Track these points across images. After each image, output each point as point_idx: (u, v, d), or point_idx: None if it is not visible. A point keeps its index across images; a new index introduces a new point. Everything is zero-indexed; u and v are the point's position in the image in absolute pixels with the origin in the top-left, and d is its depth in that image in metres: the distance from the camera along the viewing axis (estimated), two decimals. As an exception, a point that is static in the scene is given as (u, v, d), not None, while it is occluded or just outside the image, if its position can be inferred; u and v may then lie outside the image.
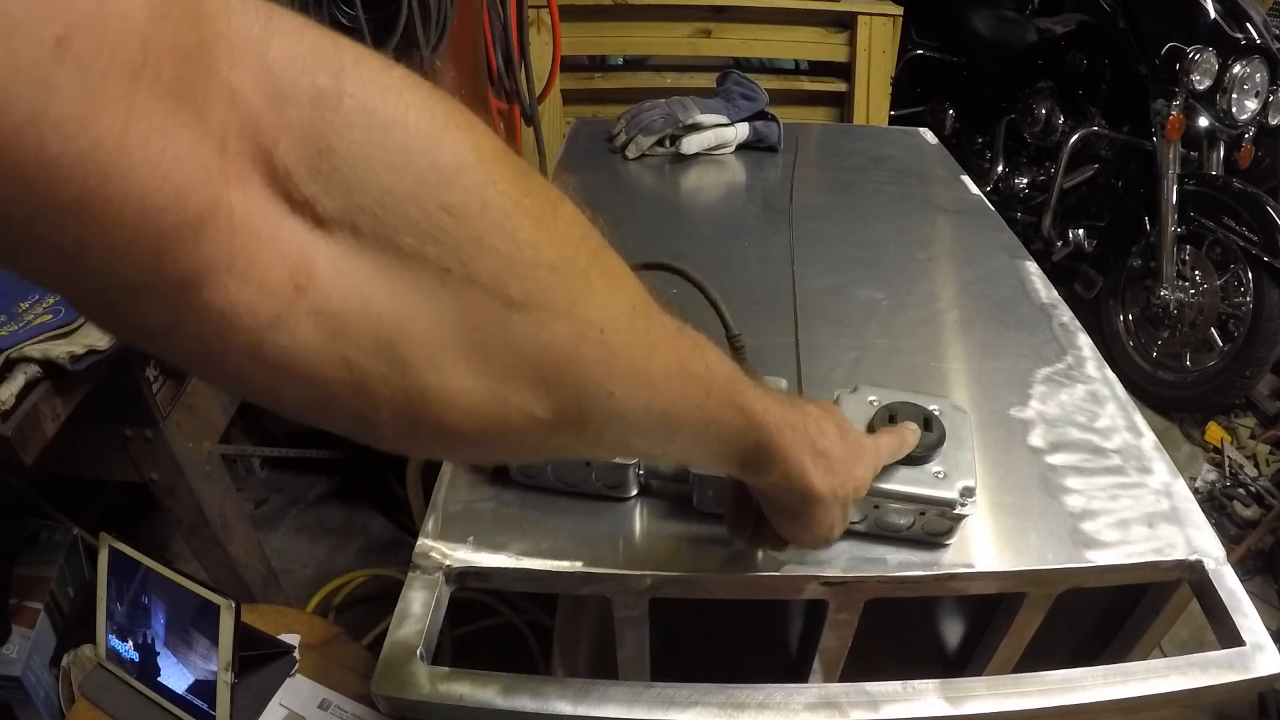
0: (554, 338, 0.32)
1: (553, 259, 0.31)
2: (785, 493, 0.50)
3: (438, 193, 0.28)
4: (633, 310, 0.36)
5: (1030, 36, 2.92)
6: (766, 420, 0.45)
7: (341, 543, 1.96)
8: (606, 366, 0.34)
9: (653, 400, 0.38)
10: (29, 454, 0.89)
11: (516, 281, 0.30)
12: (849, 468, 0.52)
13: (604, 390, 0.35)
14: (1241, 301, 2.24)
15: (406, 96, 0.28)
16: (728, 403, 0.43)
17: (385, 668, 0.59)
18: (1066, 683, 0.60)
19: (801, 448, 0.48)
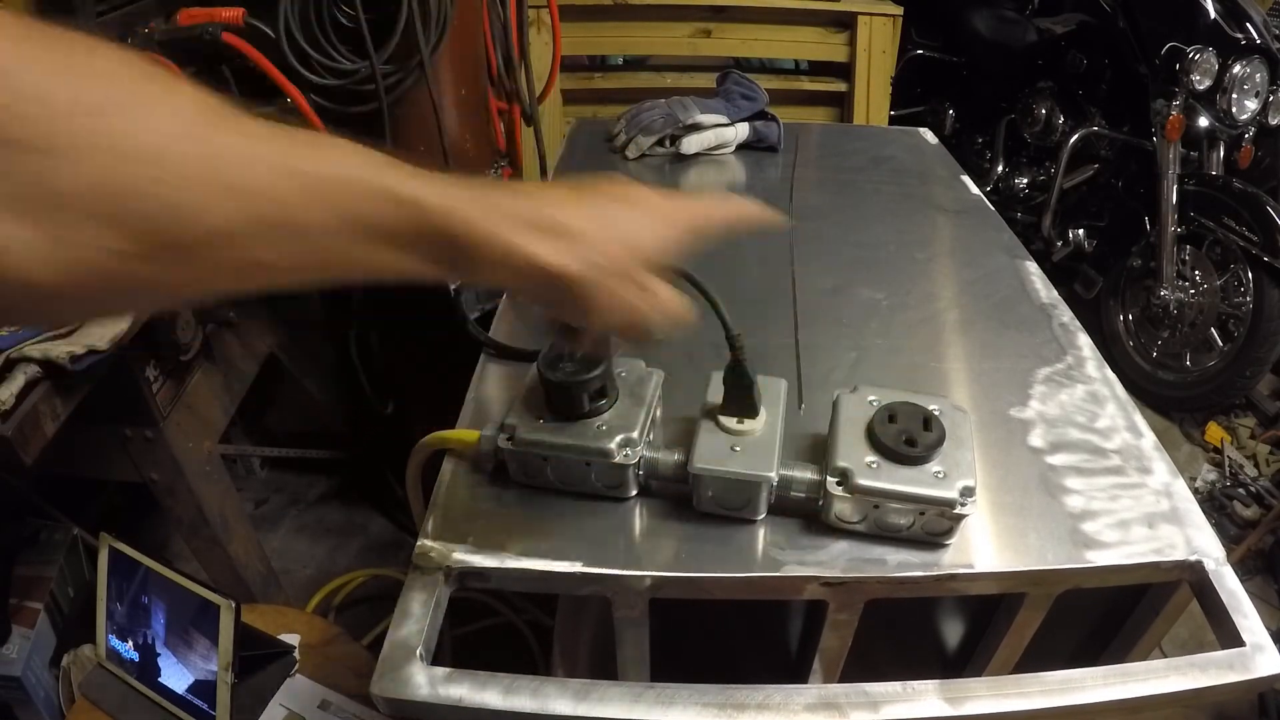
0: (97, 172, 0.33)
1: (80, 101, 0.33)
2: (528, 281, 0.45)
3: None
4: (192, 124, 0.36)
5: (1030, 36, 2.92)
6: (437, 203, 0.42)
7: (341, 543, 1.96)
8: (175, 187, 0.35)
9: (254, 209, 0.37)
10: (29, 454, 0.89)
11: (43, 130, 0.32)
12: (607, 232, 0.47)
13: (174, 206, 0.35)
14: (1241, 301, 2.24)
15: None
16: (375, 194, 0.40)
17: (385, 668, 0.59)
18: (1067, 683, 0.60)
19: (507, 225, 0.44)
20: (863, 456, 0.66)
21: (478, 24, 1.51)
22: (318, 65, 1.33)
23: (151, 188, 0.34)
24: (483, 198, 0.44)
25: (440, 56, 1.40)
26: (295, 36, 1.30)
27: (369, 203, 0.40)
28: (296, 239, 0.39)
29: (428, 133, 1.43)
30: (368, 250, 0.41)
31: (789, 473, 0.67)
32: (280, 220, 0.38)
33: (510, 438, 0.68)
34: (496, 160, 1.63)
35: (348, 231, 0.40)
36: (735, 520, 0.69)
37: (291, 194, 0.38)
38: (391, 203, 0.41)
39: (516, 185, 0.47)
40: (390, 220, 0.41)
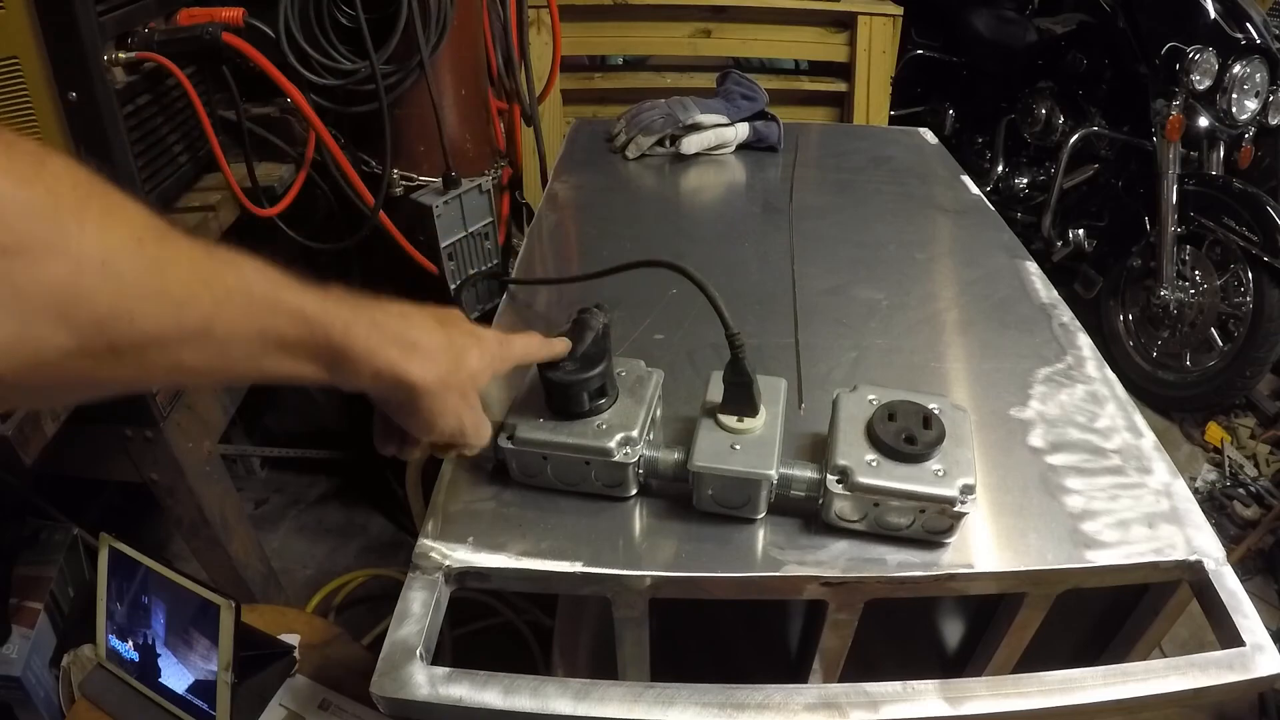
0: (54, 275, 0.36)
1: (39, 207, 0.35)
2: (390, 390, 0.53)
3: None
4: (138, 240, 0.39)
5: (1030, 36, 2.92)
6: (329, 320, 0.48)
7: (341, 543, 1.96)
8: (117, 294, 0.38)
9: (181, 318, 0.41)
10: (29, 454, 0.89)
11: (5, 232, 0.34)
12: (456, 357, 0.55)
13: (122, 315, 0.38)
14: (1241, 301, 2.24)
15: None
16: (276, 310, 0.46)
17: (385, 668, 0.59)
18: (1066, 683, 0.60)
19: (384, 342, 0.51)
20: (863, 454, 0.66)
21: (478, 24, 1.51)
22: (318, 65, 1.33)
23: (100, 294, 0.38)
24: (364, 316, 0.50)
25: (440, 56, 1.40)
26: (295, 36, 1.30)
27: (274, 317, 0.46)
28: (215, 345, 0.44)
29: (428, 133, 1.43)
30: (270, 358, 0.47)
31: (789, 471, 0.67)
32: (203, 329, 0.42)
33: (510, 437, 0.68)
34: (496, 160, 1.63)
35: (257, 341, 0.46)
36: (735, 520, 0.69)
37: (214, 306, 0.43)
38: (293, 318, 0.46)
39: (390, 307, 0.53)
40: (292, 333, 0.47)
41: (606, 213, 1.26)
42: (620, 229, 1.20)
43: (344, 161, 1.39)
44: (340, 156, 1.38)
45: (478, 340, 0.58)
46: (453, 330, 0.56)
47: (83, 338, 0.38)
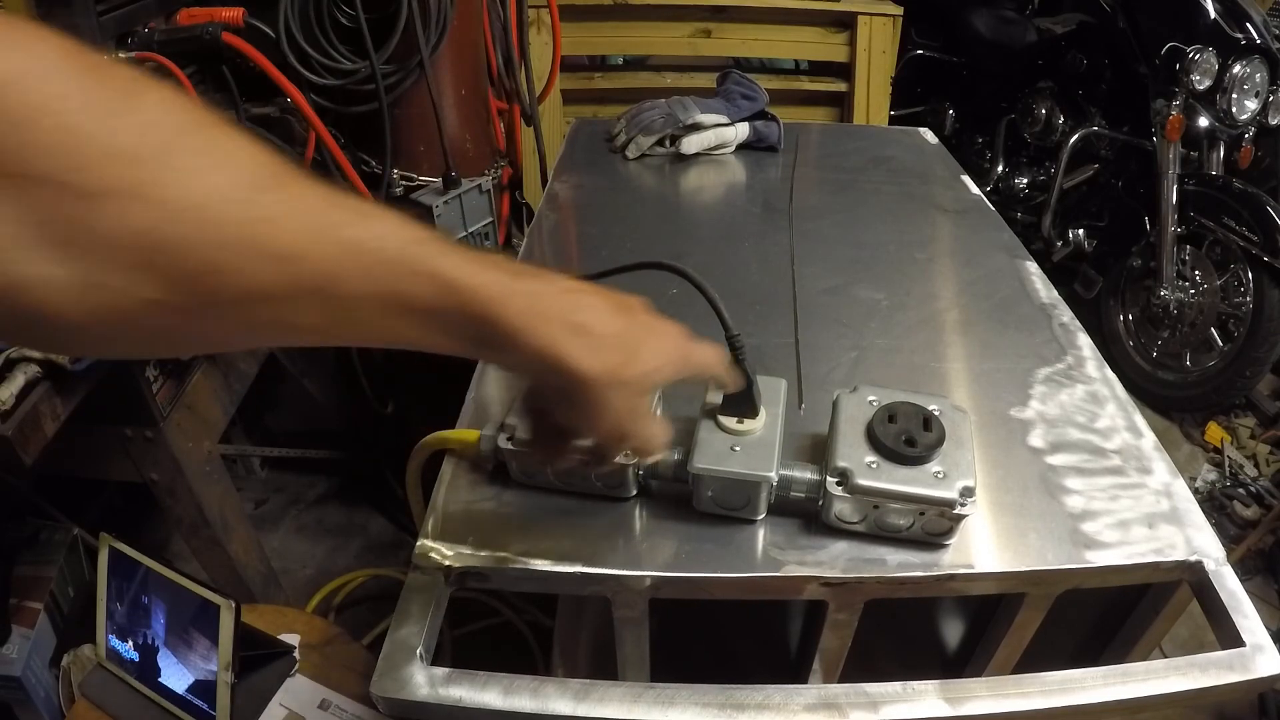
0: (139, 222, 0.33)
1: (124, 147, 0.32)
2: (549, 375, 0.46)
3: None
4: (247, 185, 0.36)
5: (1030, 36, 2.92)
6: (476, 287, 0.41)
7: (341, 543, 1.96)
8: (211, 244, 0.35)
9: (293, 274, 0.37)
10: (29, 454, 0.89)
11: (87, 174, 0.31)
12: (630, 349, 0.48)
13: (217, 267, 0.35)
14: (1241, 301, 2.24)
15: None
16: (413, 272, 0.40)
17: (385, 668, 0.59)
18: (1066, 683, 0.60)
19: (546, 319, 0.44)
20: (862, 456, 0.66)
21: (478, 24, 1.51)
22: (318, 65, 1.33)
23: (191, 244, 0.34)
24: (523, 287, 0.44)
25: (440, 56, 1.40)
26: (295, 36, 1.30)
27: (410, 279, 0.40)
28: (332, 306, 0.39)
29: (428, 133, 1.43)
30: (401, 323, 0.41)
31: (789, 473, 0.67)
32: (319, 287, 0.38)
33: (510, 438, 0.68)
34: (496, 160, 1.63)
35: (384, 304, 0.40)
36: (735, 520, 0.69)
37: (333, 263, 0.38)
38: (433, 282, 0.41)
39: (555, 278, 0.47)
40: (429, 298, 0.41)
41: (606, 213, 1.26)
42: (620, 229, 1.20)
43: (344, 161, 1.39)
44: (340, 156, 1.38)
45: (659, 334, 0.51)
46: (630, 317, 0.49)
47: (173, 289, 0.34)
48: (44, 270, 0.32)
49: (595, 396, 0.47)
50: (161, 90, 0.35)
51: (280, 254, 0.36)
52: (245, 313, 0.37)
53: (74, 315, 0.33)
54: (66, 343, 0.37)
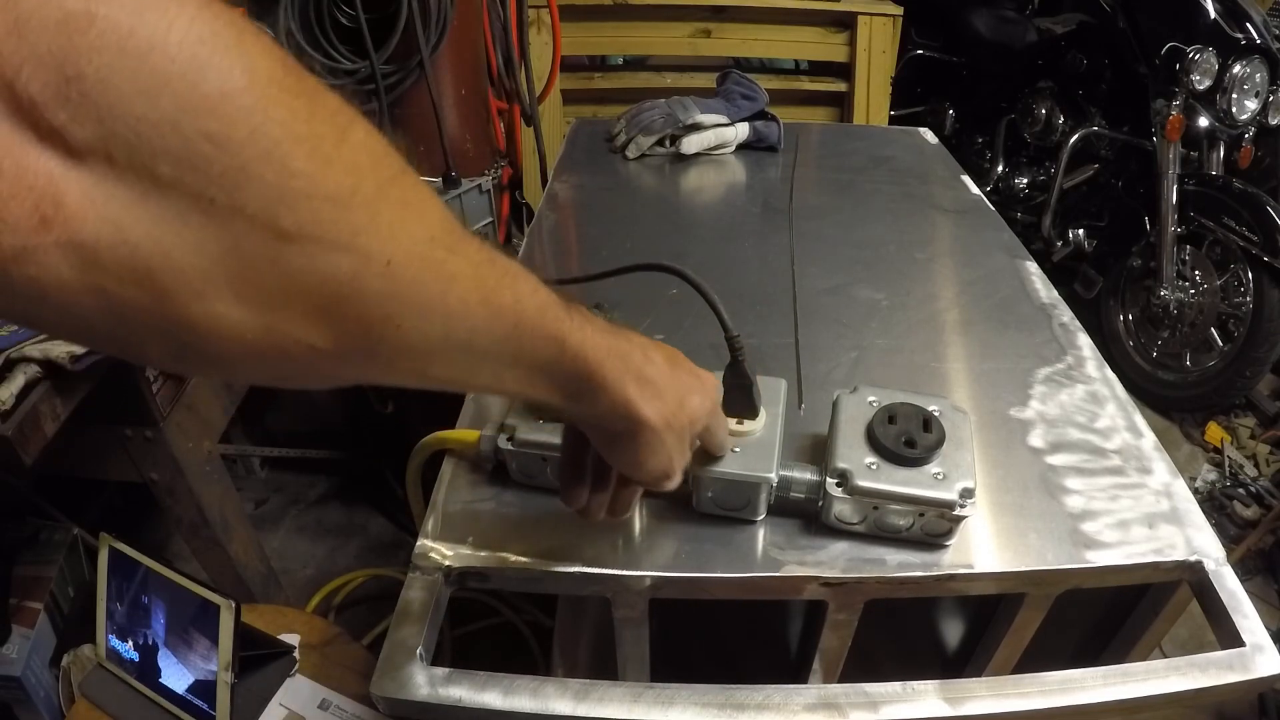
0: (332, 270, 0.31)
1: (331, 189, 0.30)
2: (614, 420, 0.50)
3: (199, 120, 0.27)
4: (430, 241, 0.35)
5: (1030, 36, 2.92)
6: (585, 350, 0.45)
7: (341, 543, 1.96)
8: (395, 299, 0.34)
9: (450, 331, 0.37)
10: (29, 454, 0.89)
11: (288, 212, 0.29)
12: (680, 397, 0.53)
13: (391, 322, 0.34)
14: (1241, 301, 2.24)
15: (171, 14, 0.26)
16: (540, 334, 0.42)
17: (385, 668, 0.59)
18: (1066, 683, 0.60)
19: (626, 375, 0.48)
20: (862, 458, 0.66)
21: (478, 24, 1.51)
22: (318, 65, 1.33)
23: (379, 298, 0.33)
24: (617, 349, 0.48)
25: (440, 56, 1.40)
26: (295, 36, 1.30)
27: (539, 342, 0.42)
28: (469, 361, 0.40)
29: (428, 133, 1.44)
30: (515, 375, 0.43)
31: (789, 474, 0.67)
32: (465, 345, 0.39)
33: (510, 438, 0.68)
34: (496, 160, 1.63)
35: (511, 361, 0.42)
36: (735, 520, 0.69)
37: (483, 322, 0.39)
38: (556, 344, 0.43)
39: (632, 336, 0.51)
40: (550, 361, 0.44)
41: (606, 213, 1.26)
42: (620, 229, 1.20)
43: (344, 161, 1.39)
44: (340, 156, 1.38)
45: (701, 384, 0.56)
46: (679, 369, 0.54)
47: (341, 339, 0.33)
48: (224, 310, 0.30)
49: (650, 439, 0.51)
50: (365, 127, 0.33)
51: (448, 312, 0.36)
52: (393, 364, 0.37)
53: (239, 354, 0.32)
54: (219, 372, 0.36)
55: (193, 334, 0.30)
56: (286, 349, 0.33)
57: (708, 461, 0.65)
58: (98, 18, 0.25)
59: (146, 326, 0.30)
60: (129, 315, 0.29)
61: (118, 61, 0.25)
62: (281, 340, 0.32)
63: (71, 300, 0.28)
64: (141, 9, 0.25)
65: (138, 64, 0.25)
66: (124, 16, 0.25)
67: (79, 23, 0.24)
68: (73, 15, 0.24)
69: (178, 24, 0.26)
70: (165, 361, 0.33)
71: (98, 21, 0.25)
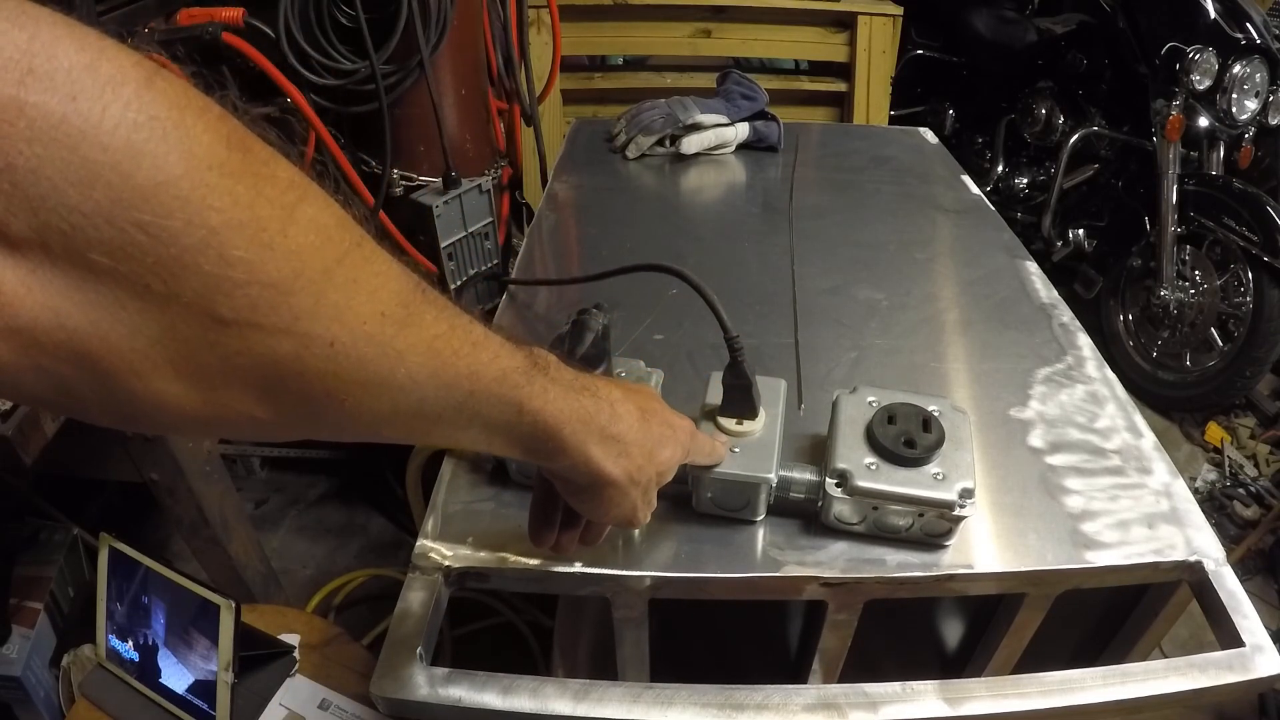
0: (271, 353, 0.31)
1: (272, 276, 0.30)
2: (577, 475, 0.50)
3: (132, 211, 0.26)
4: (380, 318, 0.34)
5: (1030, 36, 2.92)
6: (545, 414, 0.45)
7: (341, 543, 1.96)
8: (338, 378, 0.33)
9: (398, 404, 0.37)
10: (29, 454, 0.89)
11: (226, 300, 0.29)
12: (649, 452, 0.53)
13: (335, 398, 0.34)
14: (1241, 301, 2.24)
15: (106, 99, 0.25)
16: (498, 400, 0.42)
17: (385, 668, 0.59)
18: (1066, 683, 0.60)
19: (588, 436, 0.48)
20: (862, 458, 0.66)
21: (478, 24, 1.51)
22: (318, 65, 1.33)
23: (320, 377, 0.33)
24: (580, 409, 0.47)
25: (440, 56, 1.40)
26: (295, 36, 1.30)
27: (496, 407, 0.42)
28: (421, 424, 0.40)
29: (428, 133, 1.43)
30: (476, 437, 0.44)
31: (788, 474, 0.67)
32: (415, 412, 0.38)
33: (510, 438, 0.68)
34: (496, 160, 1.63)
35: (466, 424, 0.42)
36: (735, 521, 0.69)
37: (435, 393, 0.38)
38: (515, 411, 0.43)
39: (600, 392, 0.50)
40: (508, 423, 0.44)
41: (606, 213, 1.26)
42: (620, 229, 1.20)
43: (344, 161, 1.39)
44: (340, 156, 1.38)
45: (673, 433, 0.56)
46: (651, 422, 0.54)
47: (284, 413, 0.34)
48: (163, 387, 0.30)
49: (614, 494, 0.52)
50: (319, 201, 0.32)
51: (398, 387, 0.36)
52: (341, 430, 0.37)
53: (182, 422, 0.32)
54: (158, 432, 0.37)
55: (134, 407, 0.31)
56: (229, 419, 0.33)
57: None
58: (27, 106, 0.24)
59: (89, 400, 0.30)
60: (72, 389, 0.29)
61: (48, 152, 0.24)
62: (223, 412, 0.32)
63: (14, 377, 0.28)
64: (75, 95, 0.25)
65: (69, 154, 0.25)
66: (55, 104, 0.24)
67: (8, 113, 0.24)
68: (2, 105, 0.24)
69: (112, 110, 0.25)
70: (114, 425, 0.33)
71: (27, 110, 0.24)
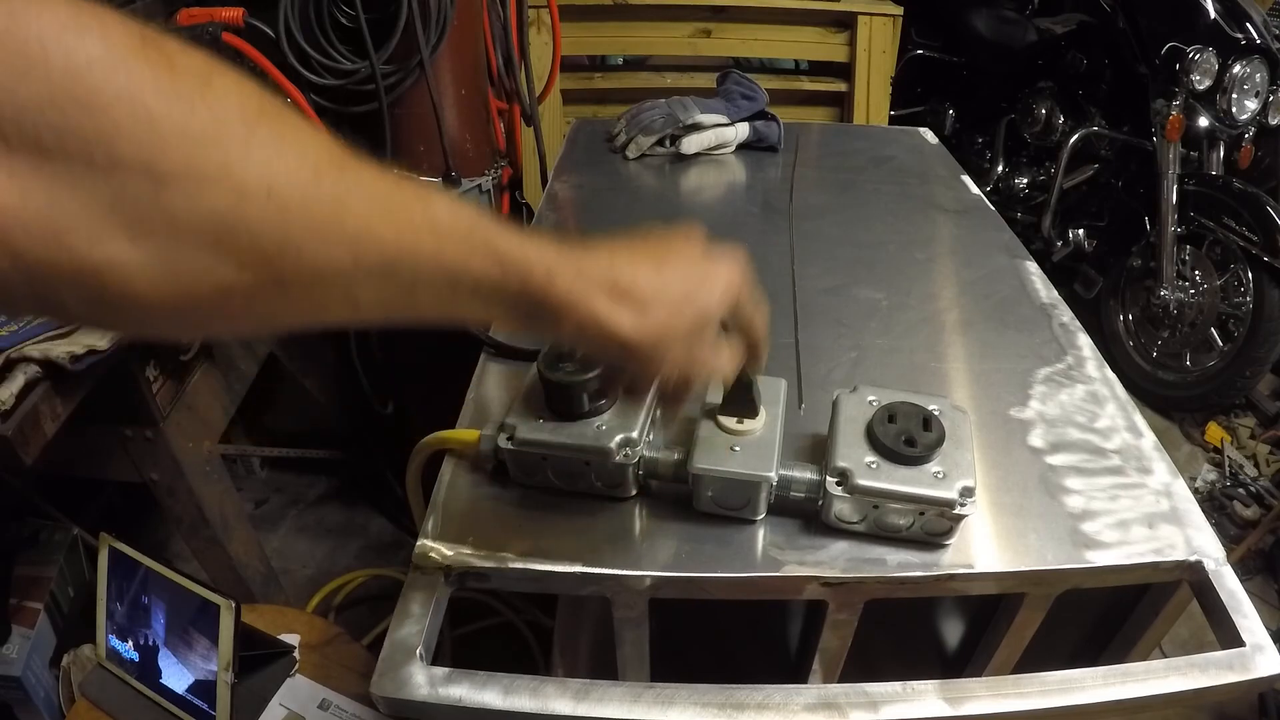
0: (210, 204, 0.34)
1: (198, 130, 0.33)
2: (597, 342, 0.48)
3: (70, 92, 0.30)
4: (314, 168, 0.37)
5: (1030, 36, 2.92)
6: (531, 267, 0.44)
7: (341, 543, 1.96)
8: (284, 226, 0.36)
9: (360, 255, 0.38)
10: (29, 454, 0.89)
11: (161, 157, 0.32)
12: (677, 301, 0.49)
13: (288, 248, 0.36)
14: (1241, 301, 2.24)
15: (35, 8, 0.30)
16: (474, 250, 0.42)
17: (385, 668, 0.59)
18: (1066, 683, 0.60)
19: (589, 291, 0.46)
20: (862, 457, 0.66)
21: (478, 24, 1.51)
22: (318, 65, 1.33)
23: (264, 226, 0.35)
24: (570, 262, 0.46)
25: (440, 56, 1.40)
26: (295, 36, 1.30)
27: (472, 259, 0.42)
28: (398, 284, 0.41)
29: (428, 133, 1.43)
30: (461, 300, 0.43)
31: (788, 473, 0.67)
32: (386, 267, 0.39)
33: (510, 437, 0.68)
34: (496, 160, 1.63)
35: (448, 282, 0.42)
36: (735, 520, 0.69)
37: (400, 244, 0.40)
38: (493, 260, 0.43)
39: (598, 247, 0.48)
40: (490, 278, 0.43)
41: (606, 213, 1.26)
42: (620, 229, 1.19)
43: (344, 161, 1.38)
44: (340, 156, 1.38)
45: (708, 273, 0.52)
46: (675, 268, 0.50)
47: (245, 271, 0.36)
48: (122, 253, 0.33)
49: (645, 354, 0.49)
50: (231, 75, 0.36)
51: (349, 235, 0.38)
52: (314, 293, 0.39)
53: (150, 297, 0.35)
54: (141, 323, 0.38)
55: (100, 281, 0.33)
56: (196, 286, 0.35)
57: (707, 460, 0.65)
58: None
59: (58, 280, 0.33)
60: (41, 271, 0.32)
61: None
62: (188, 277, 0.35)
63: None
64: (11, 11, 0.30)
65: (10, 57, 0.29)
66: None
67: None
68: None
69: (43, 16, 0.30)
70: (84, 315, 0.36)
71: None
